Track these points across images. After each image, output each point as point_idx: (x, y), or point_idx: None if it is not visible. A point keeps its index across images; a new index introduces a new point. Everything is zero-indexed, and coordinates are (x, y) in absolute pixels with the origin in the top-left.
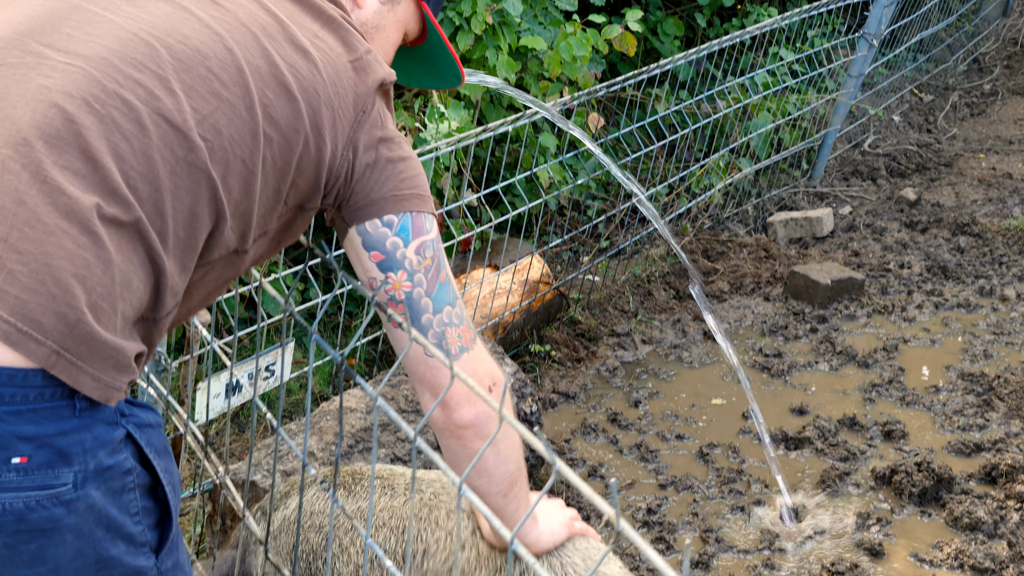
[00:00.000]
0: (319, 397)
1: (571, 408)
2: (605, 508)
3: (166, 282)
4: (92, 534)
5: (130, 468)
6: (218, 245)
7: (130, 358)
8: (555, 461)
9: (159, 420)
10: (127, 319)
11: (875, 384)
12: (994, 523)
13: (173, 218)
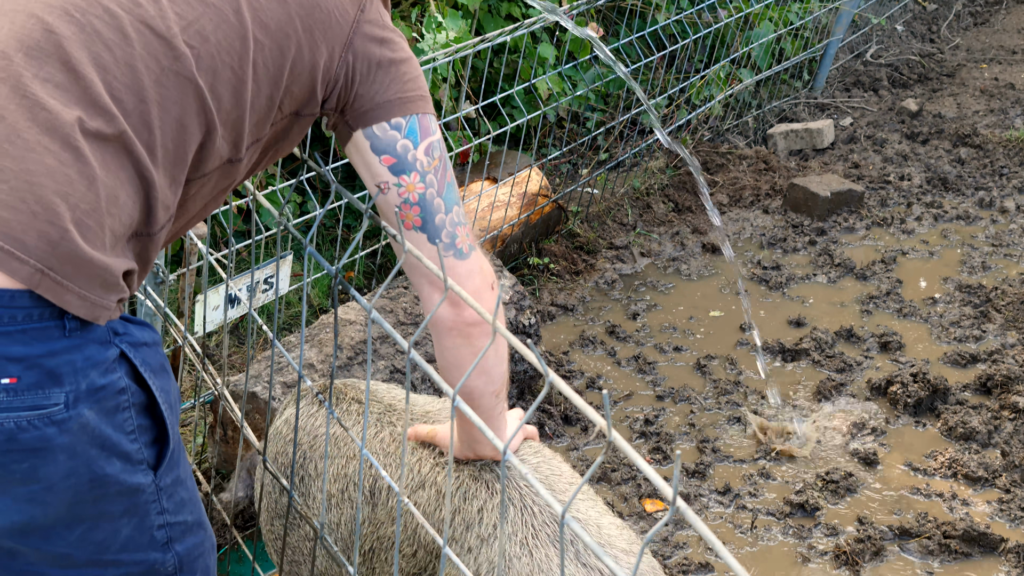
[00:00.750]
0: (318, 309)
1: (569, 320)
2: (597, 419)
3: (156, 196)
4: (86, 453)
5: (124, 387)
6: (211, 156)
7: (118, 276)
8: (548, 373)
9: (156, 338)
10: (117, 236)
11: (873, 296)
12: (988, 433)
13: (160, 130)
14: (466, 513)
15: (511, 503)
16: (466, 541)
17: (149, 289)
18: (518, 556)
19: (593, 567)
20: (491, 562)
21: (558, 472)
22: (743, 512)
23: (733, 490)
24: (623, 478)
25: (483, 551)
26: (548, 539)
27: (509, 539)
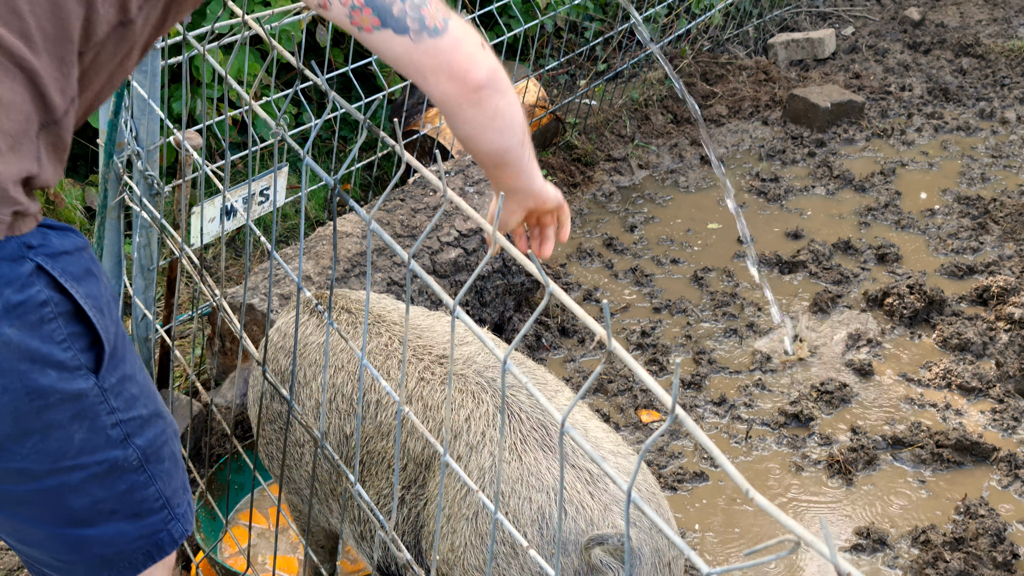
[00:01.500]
0: (315, 222)
1: None
2: (597, 329)
3: (44, 83)
4: (15, 369)
5: (46, 299)
6: (97, 24)
7: (6, 187)
8: (548, 283)
9: (79, 243)
10: (14, 136)
11: (871, 208)
12: (983, 344)
13: (32, 14)
14: (454, 423)
15: (497, 411)
16: (455, 450)
17: (144, 200)
18: (507, 461)
19: (582, 467)
20: (481, 468)
21: (544, 380)
22: (738, 422)
23: (728, 401)
24: (619, 389)
25: (473, 458)
26: (536, 444)
27: (498, 446)
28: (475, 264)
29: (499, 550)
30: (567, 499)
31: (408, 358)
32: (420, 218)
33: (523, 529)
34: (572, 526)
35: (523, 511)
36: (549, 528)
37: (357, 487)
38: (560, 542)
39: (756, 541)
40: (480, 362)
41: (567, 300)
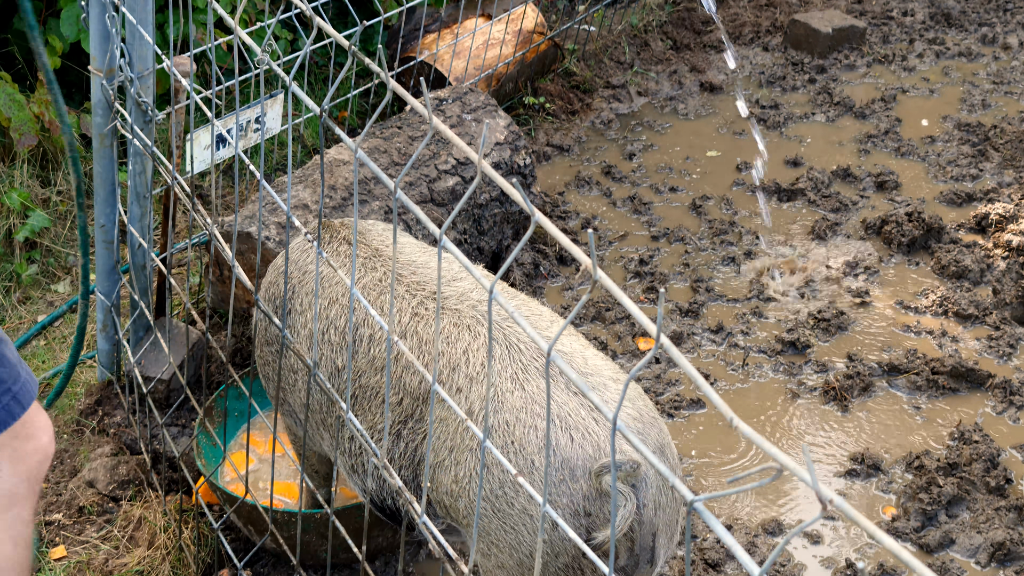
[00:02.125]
0: (311, 149)
1: (565, 161)
2: (583, 258)
3: None
4: None
5: None
6: None
7: None
8: (534, 212)
9: None
10: None
11: (871, 135)
12: (980, 271)
13: None
14: (451, 356)
15: (496, 343)
16: (454, 382)
17: (137, 128)
18: (510, 391)
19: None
20: (481, 397)
21: (538, 312)
22: (735, 350)
23: (726, 328)
24: (617, 317)
25: (473, 389)
26: (537, 373)
27: (499, 375)
28: (474, 193)
29: (508, 479)
30: (573, 426)
31: (402, 294)
32: (417, 146)
33: (530, 457)
34: (579, 452)
35: (528, 439)
36: (555, 454)
37: (349, 415)
38: (545, 468)
39: (752, 466)
40: (475, 297)
41: (553, 229)
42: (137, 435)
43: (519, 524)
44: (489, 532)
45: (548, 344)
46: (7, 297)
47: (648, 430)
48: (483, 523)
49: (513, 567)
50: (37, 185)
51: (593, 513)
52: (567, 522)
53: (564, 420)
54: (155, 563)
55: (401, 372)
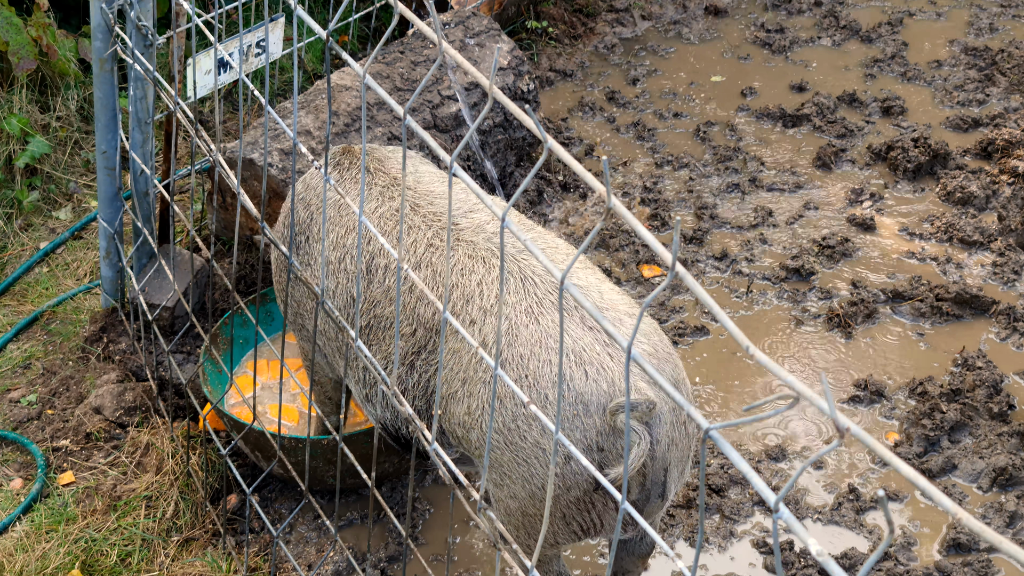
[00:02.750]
0: (312, 75)
1: (568, 86)
2: (596, 186)
3: None
4: None
5: None
6: None
7: None
8: (547, 139)
9: None
10: None
11: (877, 59)
12: (986, 197)
13: None
14: (465, 288)
15: (510, 275)
16: (468, 314)
17: (137, 53)
18: (525, 324)
19: (600, 329)
20: (496, 331)
21: (553, 245)
22: (739, 277)
23: (730, 255)
24: (621, 244)
25: (487, 321)
26: (552, 306)
27: (514, 308)
28: (475, 117)
29: (521, 412)
30: (588, 361)
31: (418, 224)
32: (420, 71)
33: (544, 391)
34: (594, 387)
35: (543, 373)
36: (570, 389)
37: (358, 342)
38: (557, 399)
39: (755, 394)
40: (490, 229)
41: (566, 156)
42: (142, 362)
43: (531, 457)
44: (502, 464)
45: (561, 273)
46: (9, 224)
47: (663, 365)
48: (496, 455)
49: (525, 498)
50: (36, 111)
51: (606, 448)
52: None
53: (579, 355)
54: (163, 488)
55: (415, 303)
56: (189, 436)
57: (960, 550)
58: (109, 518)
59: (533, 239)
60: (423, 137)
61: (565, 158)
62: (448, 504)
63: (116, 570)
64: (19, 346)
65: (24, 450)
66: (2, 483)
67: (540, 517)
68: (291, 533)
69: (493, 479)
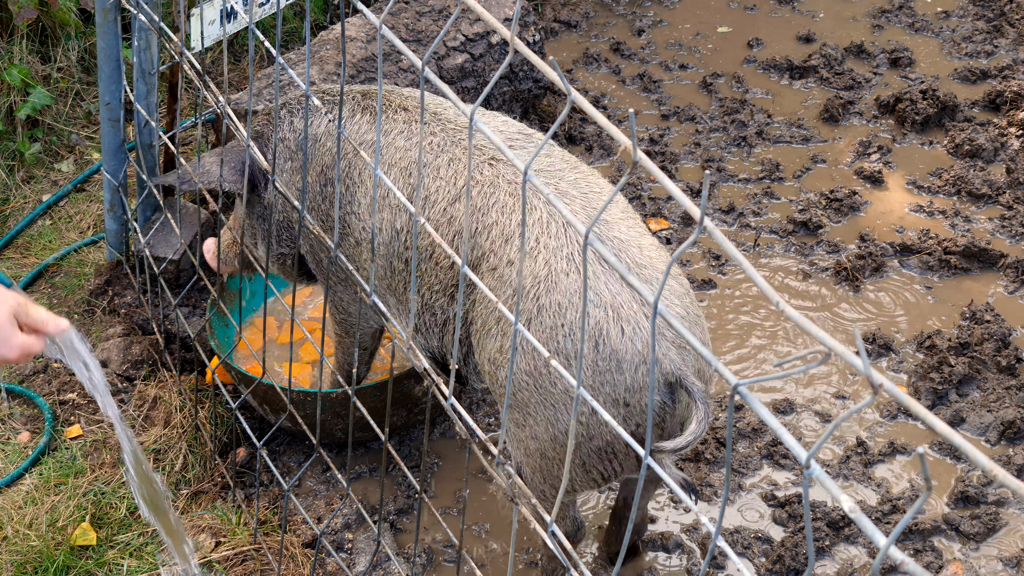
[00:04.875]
0: (315, 26)
1: (573, 37)
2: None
3: None
4: None
5: None
6: None
7: None
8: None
9: None
10: None
11: (884, 10)
12: (994, 150)
13: None
14: (504, 228)
15: (552, 219)
16: (506, 254)
17: (142, 2)
18: (565, 272)
19: (644, 279)
20: (535, 275)
21: (597, 189)
22: (747, 230)
23: (737, 209)
24: (628, 197)
25: (528, 264)
26: (593, 256)
27: (555, 254)
28: (481, 70)
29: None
30: (625, 318)
31: (459, 156)
32: (426, 21)
33: (578, 344)
34: (628, 345)
35: (574, 325)
36: (605, 344)
37: (373, 298)
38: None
39: (762, 347)
40: (535, 167)
41: (590, 108)
42: (148, 315)
43: (559, 403)
44: (528, 404)
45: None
46: (11, 176)
47: (692, 329)
48: (523, 396)
49: (546, 441)
50: (37, 61)
51: (631, 404)
52: (606, 411)
53: (617, 311)
54: (172, 442)
55: (453, 237)
56: (197, 390)
57: (968, 503)
58: (117, 471)
59: (576, 179)
60: (441, 88)
61: (589, 110)
62: (456, 457)
63: (125, 523)
64: None
65: (31, 403)
66: (10, 436)
67: (559, 461)
68: (299, 486)
69: (515, 418)
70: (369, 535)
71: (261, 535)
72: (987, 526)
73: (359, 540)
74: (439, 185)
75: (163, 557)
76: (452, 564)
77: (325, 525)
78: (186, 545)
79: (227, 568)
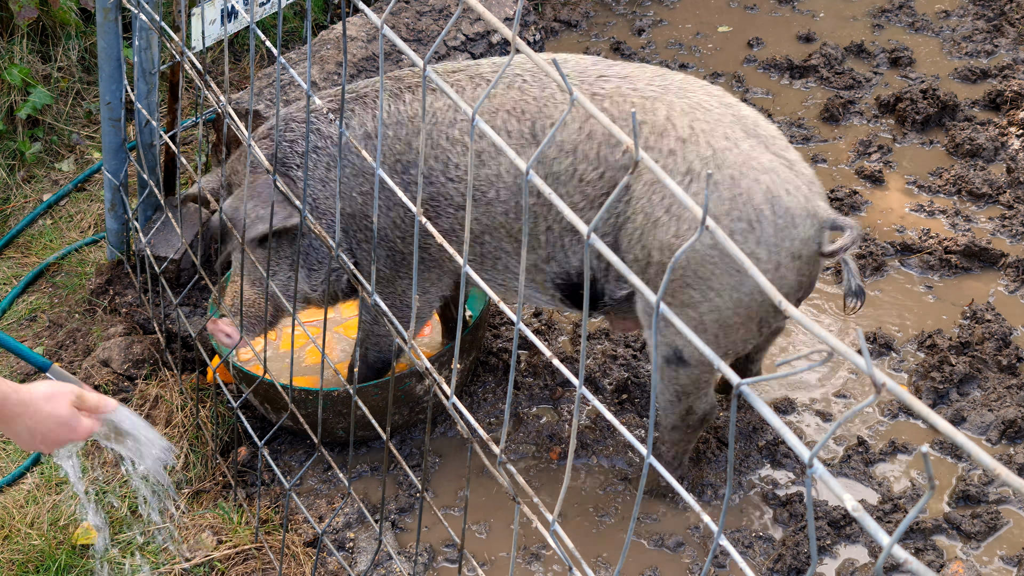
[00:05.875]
0: (315, 26)
1: (573, 36)
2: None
3: None
4: None
5: None
6: None
7: None
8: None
9: None
10: None
11: (885, 9)
12: (994, 149)
13: None
14: (654, 123)
15: (696, 108)
16: (665, 146)
17: (142, 2)
18: (727, 148)
19: (780, 155)
20: (701, 157)
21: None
22: None
23: None
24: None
25: (688, 148)
26: (744, 134)
27: (710, 135)
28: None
29: (733, 225)
30: (784, 180)
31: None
32: (426, 21)
33: (758, 207)
34: (795, 202)
35: (754, 191)
36: (779, 204)
37: (374, 297)
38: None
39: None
40: (645, 76)
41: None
42: (149, 315)
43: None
44: (711, 277)
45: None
46: (11, 176)
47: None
48: (707, 270)
49: (728, 308)
50: (38, 61)
51: (802, 256)
52: (787, 266)
53: (774, 176)
54: (173, 441)
55: (598, 147)
56: (198, 389)
57: (969, 501)
58: (119, 470)
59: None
60: (442, 87)
61: (591, 109)
62: (457, 456)
63: (127, 522)
64: (24, 299)
65: None
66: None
67: (738, 325)
68: (300, 485)
69: (693, 298)
70: (371, 534)
71: (263, 534)
72: (988, 525)
73: (360, 539)
74: (563, 110)
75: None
76: (454, 564)
77: (327, 524)
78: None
79: (229, 567)
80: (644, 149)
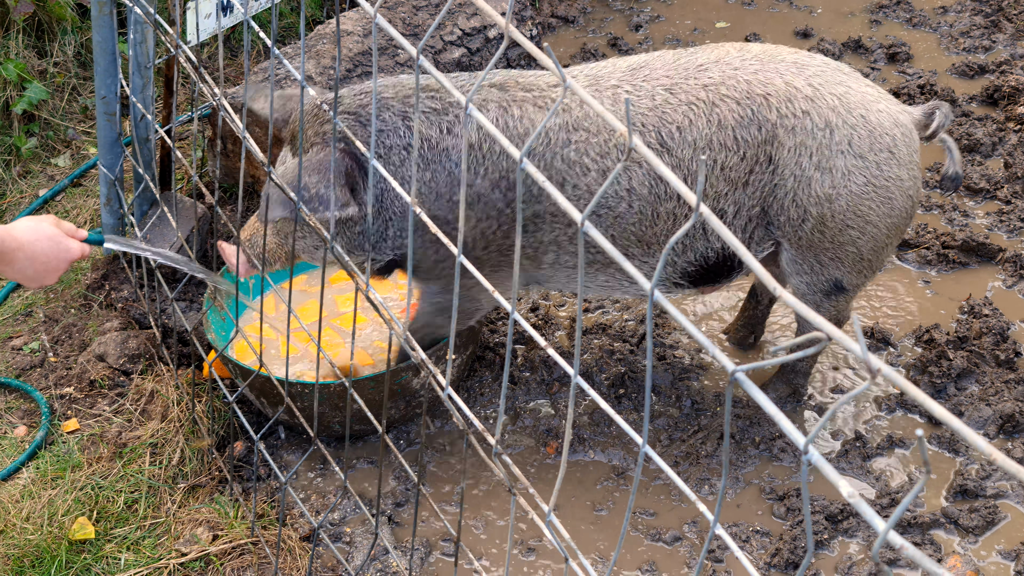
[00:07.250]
0: (311, 21)
1: (570, 32)
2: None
3: None
4: None
5: None
6: None
7: None
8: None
9: None
10: None
11: (882, 5)
12: (992, 144)
13: None
14: (778, 93)
15: (801, 64)
16: (795, 109)
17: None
18: (847, 93)
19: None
20: (832, 107)
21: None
22: None
23: None
24: None
25: (816, 103)
26: (843, 74)
27: (827, 83)
28: (478, 64)
29: (885, 158)
30: (888, 100)
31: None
32: (423, 15)
33: (891, 135)
34: (905, 118)
35: (883, 121)
36: (901, 125)
37: (370, 290)
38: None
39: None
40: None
41: (585, 95)
42: (145, 309)
43: (893, 189)
44: (869, 212)
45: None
46: (7, 171)
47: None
48: (865, 207)
49: (883, 233)
50: (33, 56)
51: (919, 159)
52: (919, 176)
53: (887, 104)
54: (169, 436)
55: (732, 132)
56: (194, 383)
57: (967, 496)
58: (115, 465)
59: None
60: (438, 78)
61: (584, 97)
62: (452, 450)
63: (123, 516)
64: (20, 293)
65: (28, 397)
66: (6, 430)
67: (888, 246)
68: (296, 479)
69: (850, 237)
70: (367, 528)
71: (259, 528)
72: (986, 519)
73: (357, 533)
74: (683, 112)
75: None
76: (450, 557)
77: (323, 518)
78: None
79: (225, 561)
80: (781, 117)
